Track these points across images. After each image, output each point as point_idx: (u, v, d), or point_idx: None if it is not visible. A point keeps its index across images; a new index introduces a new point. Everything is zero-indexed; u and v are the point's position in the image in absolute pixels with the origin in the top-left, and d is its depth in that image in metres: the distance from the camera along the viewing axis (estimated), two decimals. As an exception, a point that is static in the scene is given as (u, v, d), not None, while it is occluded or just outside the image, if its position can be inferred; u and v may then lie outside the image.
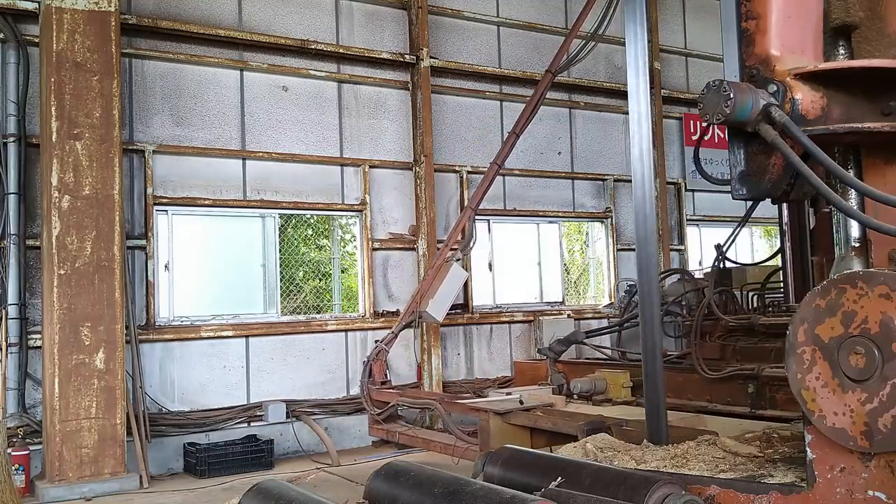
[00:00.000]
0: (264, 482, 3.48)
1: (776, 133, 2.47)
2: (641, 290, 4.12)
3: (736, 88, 2.48)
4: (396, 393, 8.09)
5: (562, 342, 7.46)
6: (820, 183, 2.48)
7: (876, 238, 2.69)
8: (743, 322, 6.20)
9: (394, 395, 7.99)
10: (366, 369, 8.38)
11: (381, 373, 8.44)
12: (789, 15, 2.62)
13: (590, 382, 6.63)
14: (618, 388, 6.57)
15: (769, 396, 5.57)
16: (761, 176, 2.62)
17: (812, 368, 2.56)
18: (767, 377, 5.54)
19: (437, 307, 8.82)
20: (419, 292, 8.98)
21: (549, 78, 9.52)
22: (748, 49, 2.64)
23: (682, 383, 6.38)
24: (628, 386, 6.58)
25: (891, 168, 2.71)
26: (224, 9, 9.67)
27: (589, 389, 6.58)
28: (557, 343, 7.47)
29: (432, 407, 6.96)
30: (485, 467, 3.40)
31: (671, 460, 3.50)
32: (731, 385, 5.93)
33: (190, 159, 9.34)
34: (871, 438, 2.41)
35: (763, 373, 5.61)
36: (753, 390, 5.64)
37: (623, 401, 6.47)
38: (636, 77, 4.16)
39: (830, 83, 2.56)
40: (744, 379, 5.73)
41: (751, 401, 5.66)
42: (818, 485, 2.62)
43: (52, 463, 7.58)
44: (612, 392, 6.57)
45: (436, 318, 8.85)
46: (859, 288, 2.45)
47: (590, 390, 6.58)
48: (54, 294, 7.64)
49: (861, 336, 2.44)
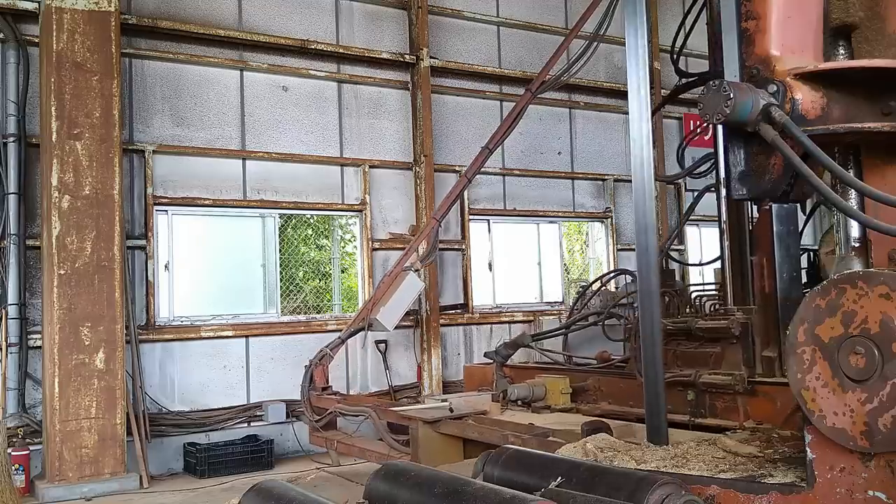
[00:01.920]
0: (264, 482, 3.48)
1: (776, 133, 2.47)
2: (641, 291, 4.11)
3: (736, 88, 2.48)
4: (335, 399, 7.70)
5: (509, 345, 7.14)
6: (820, 183, 2.48)
7: (876, 238, 2.69)
8: (679, 325, 5.82)
9: (332, 401, 7.57)
10: (307, 374, 7.99)
11: (323, 378, 8.06)
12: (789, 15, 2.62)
13: (527, 388, 6.25)
14: (557, 394, 6.18)
15: (709, 404, 5.20)
16: (761, 176, 2.62)
17: (812, 368, 2.56)
18: (705, 384, 5.20)
19: (389, 316, 8.47)
20: (372, 299, 8.69)
21: (528, 97, 9.31)
22: (748, 49, 2.64)
23: (624, 390, 5.97)
24: (567, 392, 6.22)
25: (891, 168, 2.71)
26: (224, 9, 9.67)
27: (527, 396, 6.22)
28: (504, 346, 7.12)
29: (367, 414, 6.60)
30: (485, 467, 3.40)
31: (671, 460, 3.50)
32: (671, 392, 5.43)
33: (190, 159, 9.35)
34: (871, 438, 2.41)
35: (700, 379, 5.22)
36: (693, 397, 5.28)
37: (562, 408, 6.12)
38: (636, 77, 4.16)
39: (830, 83, 2.56)
40: (683, 386, 5.35)
41: (690, 409, 5.28)
42: (818, 485, 2.62)
43: (52, 463, 7.58)
44: (551, 399, 6.20)
45: (386, 327, 8.50)
46: (859, 288, 2.45)
47: (527, 396, 6.21)
48: (54, 294, 7.64)
49: (861, 336, 2.44)
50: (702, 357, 5.53)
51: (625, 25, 4.23)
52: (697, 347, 5.63)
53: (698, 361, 5.52)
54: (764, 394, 4.84)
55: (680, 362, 5.67)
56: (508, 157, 11.64)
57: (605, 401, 6.13)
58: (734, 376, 4.98)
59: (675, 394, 5.33)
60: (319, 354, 8.08)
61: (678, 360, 5.70)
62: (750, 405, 4.88)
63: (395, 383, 10.20)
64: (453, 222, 11.18)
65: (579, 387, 6.33)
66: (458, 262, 11.18)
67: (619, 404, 5.94)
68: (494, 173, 11.51)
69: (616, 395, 6.05)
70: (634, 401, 5.73)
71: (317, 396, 7.77)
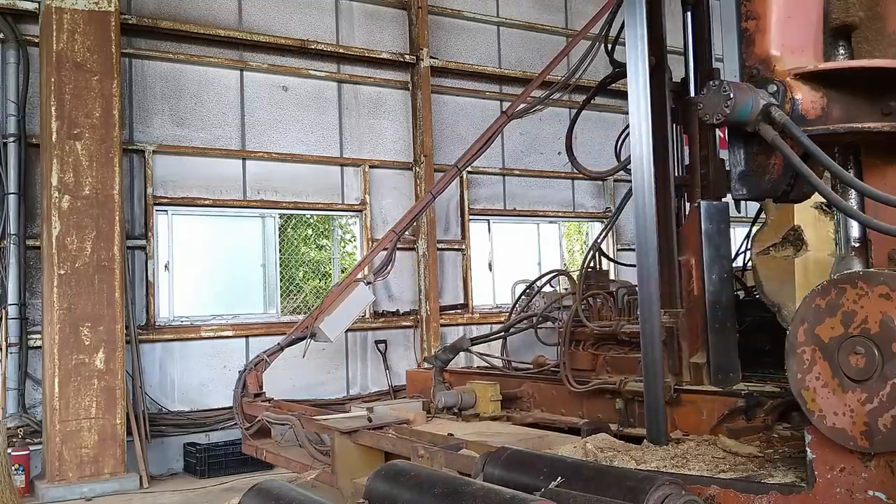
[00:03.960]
0: (264, 482, 3.48)
1: (776, 133, 2.47)
2: (641, 291, 4.11)
3: (736, 88, 2.48)
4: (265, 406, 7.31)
5: (448, 350, 6.75)
6: (820, 183, 2.48)
7: (876, 238, 2.69)
8: (605, 329, 5.48)
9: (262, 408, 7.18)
10: (240, 380, 7.65)
11: (256, 384, 7.70)
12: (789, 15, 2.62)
13: (456, 396, 5.92)
14: (486, 401, 5.84)
15: (638, 413, 4.83)
16: (761, 176, 2.62)
17: (812, 368, 2.56)
18: (630, 392, 4.86)
19: (332, 326, 8.06)
20: (319, 308, 8.32)
21: (504, 119, 9.19)
22: (748, 49, 2.64)
23: (556, 397, 5.63)
24: (497, 399, 5.87)
25: (891, 168, 2.71)
26: (224, 9, 9.67)
27: (455, 403, 5.89)
28: (443, 351, 6.72)
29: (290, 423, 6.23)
30: (485, 467, 3.40)
31: (671, 460, 3.50)
32: (599, 400, 5.19)
33: (190, 159, 9.34)
34: (871, 438, 2.41)
35: (626, 387, 4.90)
36: (622, 406, 4.96)
37: (491, 416, 5.78)
38: (636, 77, 4.16)
39: (830, 83, 2.56)
40: (611, 394, 5.03)
41: (619, 417, 4.97)
42: (818, 485, 2.62)
43: (52, 463, 7.58)
44: (481, 406, 5.87)
45: (328, 338, 8.12)
46: (859, 288, 2.45)
47: (456, 404, 5.89)
48: (54, 294, 7.64)
49: (861, 336, 2.44)
50: (631, 363, 5.19)
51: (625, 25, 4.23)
52: (627, 353, 5.30)
53: (628, 367, 5.20)
54: (690, 403, 4.52)
55: (609, 368, 5.38)
56: (508, 157, 11.64)
57: (538, 408, 5.82)
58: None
59: (603, 402, 5.10)
60: (256, 360, 7.72)
61: (607, 365, 5.42)
62: (677, 415, 4.55)
63: (396, 383, 10.19)
64: (453, 222, 11.18)
65: (512, 394, 6.03)
66: (458, 262, 11.18)
67: (551, 412, 5.62)
68: (494, 173, 11.51)
69: (549, 403, 5.72)
70: (566, 408, 5.48)
71: (248, 403, 7.39)
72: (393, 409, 6.03)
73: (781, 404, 4.03)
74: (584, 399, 5.31)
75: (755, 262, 4.62)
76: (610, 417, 5.04)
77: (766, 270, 4.55)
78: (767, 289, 4.53)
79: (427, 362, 6.91)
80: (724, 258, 4.77)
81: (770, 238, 4.59)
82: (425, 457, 3.49)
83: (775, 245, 4.54)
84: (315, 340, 8.22)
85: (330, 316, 8.01)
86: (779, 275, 4.46)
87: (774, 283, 4.48)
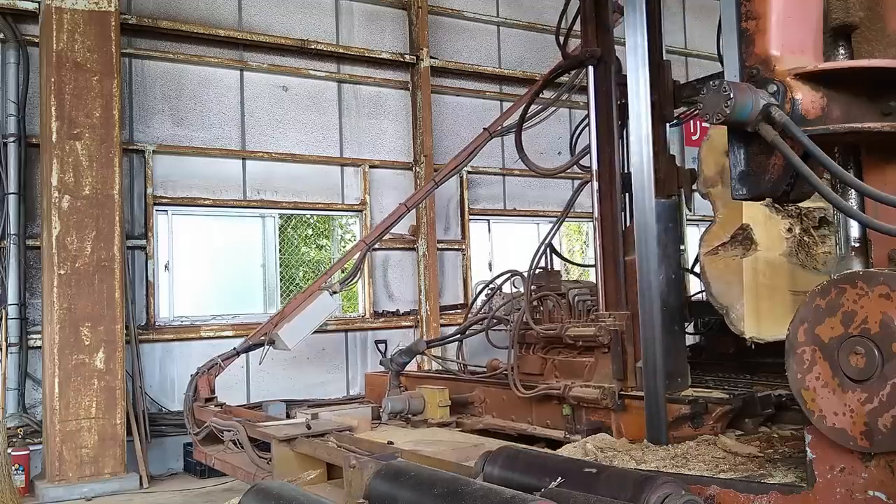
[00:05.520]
0: (264, 482, 3.48)
1: (776, 133, 2.47)
2: (641, 291, 4.09)
3: (736, 88, 2.47)
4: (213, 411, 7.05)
5: (404, 353, 6.52)
6: (819, 183, 2.48)
7: (876, 238, 2.69)
8: (550, 332, 5.22)
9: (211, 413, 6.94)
10: (191, 384, 7.44)
11: (208, 388, 7.50)
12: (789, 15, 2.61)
13: (403, 401, 5.68)
14: (434, 407, 5.59)
15: (585, 419, 4.68)
16: (761, 176, 2.62)
17: (812, 368, 2.56)
18: (575, 398, 4.66)
19: (291, 334, 7.85)
20: (280, 314, 8.15)
21: (485, 136, 9.15)
22: (748, 49, 2.64)
23: (506, 402, 5.39)
24: (445, 405, 5.60)
25: (891, 168, 2.71)
26: (224, 9, 9.68)
27: (402, 409, 5.65)
28: (399, 354, 6.47)
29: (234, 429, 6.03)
30: (485, 467, 3.40)
31: (671, 460, 3.50)
32: (547, 406, 4.99)
33: (190, 159, 9.35)
34: (871, 438, 2.41)
35: (570, 393, 4.68)
36: (569, 412, 4.77)
37: (439, 422, 5.52)
38: (636, 77, 4.16)
39: (830, 83, 2.56)
40: (559, 400, 4.83)
41: (567, 424, 4.78)
42: (818, 485, 2.62)
43: (52, 463, 7.58)
44: (430, 412, 5.62)
45: (286, 345, 7.90)
46: (859, 288, 2.45)
47: (403, 410, 5.65)
48: (54, 294, 7.64)
49: (861, 336, 2.43)
50: (578, 367, 4.97)
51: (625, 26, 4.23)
52: (576, 356, 5.06)
53: (575, 372, 4.98)
54: (635, 409, 4.31)
55: (558, 373, 5.16)
56: (508, 157, 11.64)
57: (490, 413, 5.60)
58: (603, 390, 4.49)
59: (551, 408, 4.92)
60: (209, 363, 7.58)
61: (556, 370, 5.19)
62: (622, 422, 4.39)
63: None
64: (453, 222, 11.19)
65: (464, 398, 5.79)
66: (458, 262, 11.18)
67: (503, 418, 5.40)
68: (494, 173, 11.51)
69: (500, 408, 5.48)
70: (517, 414, 5.25)
71: (199, 408, 7.17)
72: (338, 415, 5.74)
73: (730, 411, 3.92)
74: (533, 405, 5.13)
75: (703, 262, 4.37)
76: (558, 424, 4.86)
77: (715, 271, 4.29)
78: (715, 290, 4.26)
79: (383, 365, 6.62)
80: (671, 258, 4.55)
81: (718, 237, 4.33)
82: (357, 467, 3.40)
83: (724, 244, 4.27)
84: (273, 348, 8.03)
85: (290, 323, 7.83)
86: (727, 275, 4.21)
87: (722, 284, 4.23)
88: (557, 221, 6.03)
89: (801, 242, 4.35)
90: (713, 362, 5.46)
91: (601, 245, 4.86)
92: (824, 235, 4.41)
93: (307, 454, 4.92)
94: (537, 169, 6.22)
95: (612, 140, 4.81)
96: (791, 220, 4.34)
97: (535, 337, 5.43)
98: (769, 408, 4.03)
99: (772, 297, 4.13)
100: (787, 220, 4.33)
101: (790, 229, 4.33)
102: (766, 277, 4.12)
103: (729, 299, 4.16)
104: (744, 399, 4.01)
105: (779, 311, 4.06)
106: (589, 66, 4.96)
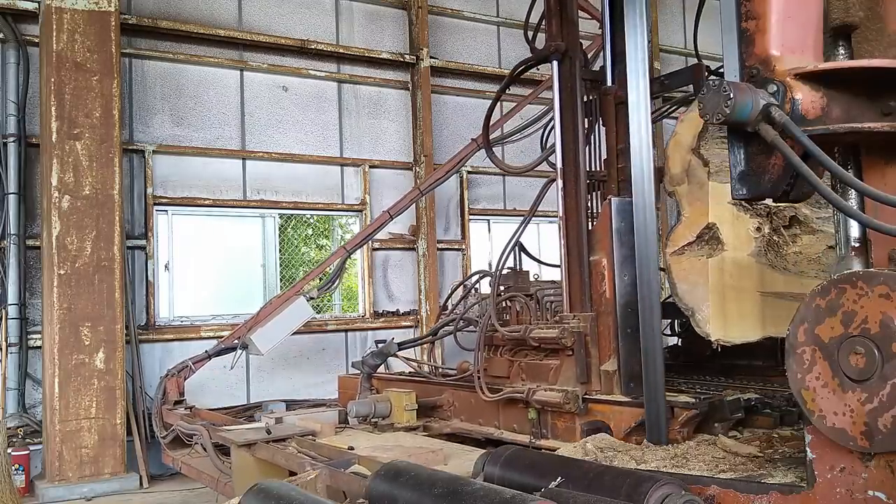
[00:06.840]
0: (264, 482, 3.48)
1: (776, 133, 2.47)
2: (642, 292, 4.09)
3: (736, 88, 2.47)
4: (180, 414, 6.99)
5: (376, 355, 6.35)
6: (820, 183, 2.48)
7: (876, 238, 2.69)
8: (515, 334, 5.08)
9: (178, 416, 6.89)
10: (160, 386, 7.35)
11: (177, 391, 7.46)
12: (789, 15, 2.61)
13: (369, 405, 5.54)
14: (401, 411, 5.46)
15: (550, 424, 4.57)
16: (761, 176, 2.62)
17: (812, 368, 2.56)
18: (539, 402, 4.54)
19: (265, 339, 7.79)
20: (255, 318, 8.05)
21: (473, 146, 9.16)
22: (748, 49, 2.64)
23: (474, 405, 5.27)
24: (412, 409, 5.47)
25: (891, 168, 2.71)
26: (224, 9, 9.68)
27: (368, 413, 5.52)
28: (371, 356, 6.33)
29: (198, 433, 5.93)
30: (485, 467, 3.40)
31: (671, 460, 3.50)
32: (513, 410, 4.89)
33: (190, 159, 9.35)
34: (871, 438, 2.41)
35: (533, 397, 4.56)
36: (534, 416, 4.66)
37: (405, 426, 5.39)
38: (636, 77, 4.15)
39: (830, 83, 2.56)
40: (524, 403, 4.71)
41: (532, 429, 4.67)
42: (818, 485, 2.62)
43: (52, 463, 7.58)
44: (396, 416, 5.50)
45: (259, 350, 7.81)
46: (859, 288, 2.45)
47: (368, 414, 5.53)
48: (54, 294, 7.65)
49: (861, 336, 2.44)
50: (544, 370, 4.82)
51: (625, 27, 4.23)
52: (542, 359, 4.91)
53: (541, 375, 4.83)
54: (599, 413, 4.27)
55: (525, 375, 5.03)
56: (508, 158, 11.59)
57: (458, 417, 5.49)
58: (566, 393, 4.37)
59: (517, 412, 4.82)
60: (180, 366, 7.53)
61: (523, 372, 5.06)
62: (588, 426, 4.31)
63: (395, 383, 10.19)
64: (453, 222, 11.19)
65: (432, 402, 5.67)
66: (458, 262, 11.18)
67: (471, 421, 5.30)
68: (495, 173, 11.51)
69: (468, 412, 5.36)
70: (484, 418, 5.15)
71: (167, 410, 7.07)
72: (302, 419, 5.61)
73: (696, 416, 3.84)
74: (500, 408, 5.03)
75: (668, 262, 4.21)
76: (525, 428, 4.77)
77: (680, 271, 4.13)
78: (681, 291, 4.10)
79: (355, 367, 6.46)
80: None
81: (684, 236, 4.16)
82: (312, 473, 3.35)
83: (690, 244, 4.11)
84: (247, 352, 7.97)
85: (263, 328, 7.78)
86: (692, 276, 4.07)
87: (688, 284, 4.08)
88: (524, 220, 5.79)
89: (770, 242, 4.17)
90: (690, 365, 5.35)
91: (566, 245, 4.72)
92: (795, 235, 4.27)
93: (266, 459, 4.81)
94: (505, 167, 6.13)
95: (577, 138, 4.69)
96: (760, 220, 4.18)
97: (502, 339, 5.29)
98: (738, 412, 3.93)
99: (739, 299, 3.99)
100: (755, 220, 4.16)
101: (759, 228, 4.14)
102: (732, 278, 3.99)
103: (694, 300, 4.01)
104: (710, 403, 3.90)
105: (746, 313, 3.94)
106: (553, 61, 4.82)
